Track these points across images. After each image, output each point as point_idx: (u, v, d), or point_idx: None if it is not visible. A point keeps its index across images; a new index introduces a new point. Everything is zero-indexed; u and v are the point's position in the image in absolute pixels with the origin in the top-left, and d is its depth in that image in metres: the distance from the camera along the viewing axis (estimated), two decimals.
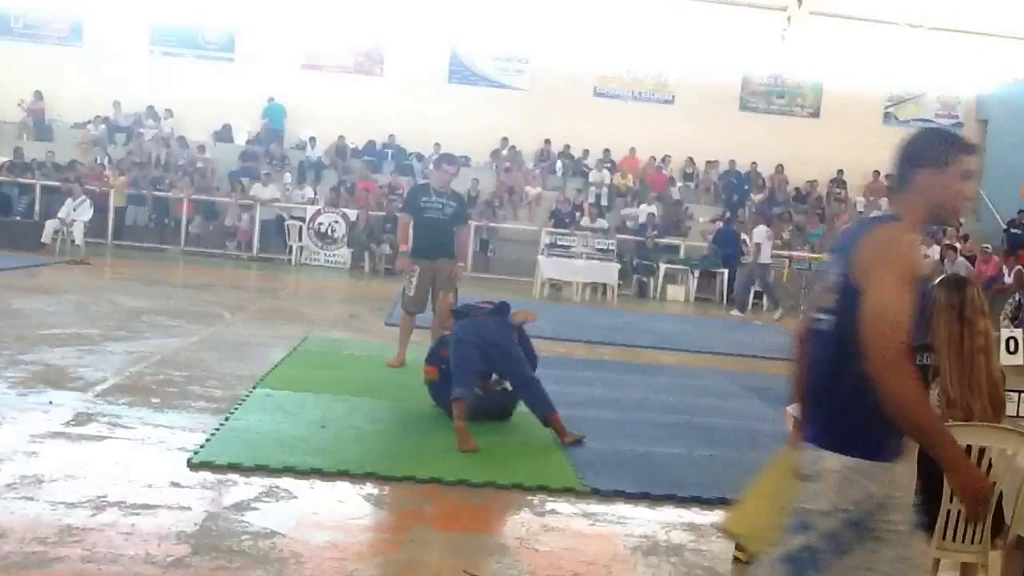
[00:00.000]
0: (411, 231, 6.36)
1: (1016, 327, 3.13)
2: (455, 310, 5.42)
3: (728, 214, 15.49)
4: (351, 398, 5.16)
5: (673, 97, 17.76)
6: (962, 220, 16.34)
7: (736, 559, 3.20)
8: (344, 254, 14.43)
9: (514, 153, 17.25)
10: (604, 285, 13.02)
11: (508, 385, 4.83)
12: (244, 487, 3.54)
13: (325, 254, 14.49)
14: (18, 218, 14.01)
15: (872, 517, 1.74)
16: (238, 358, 6.12)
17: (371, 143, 17.19)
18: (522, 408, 5.14)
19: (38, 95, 16.63)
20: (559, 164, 17.28)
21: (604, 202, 16.22)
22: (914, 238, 1.81)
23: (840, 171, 17.64)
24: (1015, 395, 2.82)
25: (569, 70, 17.29)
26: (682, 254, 14.73)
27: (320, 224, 14.50)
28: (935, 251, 13.93)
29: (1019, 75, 17.32)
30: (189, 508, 3.25)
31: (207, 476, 3.63)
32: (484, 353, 4.57)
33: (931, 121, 18.31)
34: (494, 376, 4.85)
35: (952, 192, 1.84)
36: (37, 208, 14.27)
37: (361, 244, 14.38)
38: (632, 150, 17.45)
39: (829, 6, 16.31)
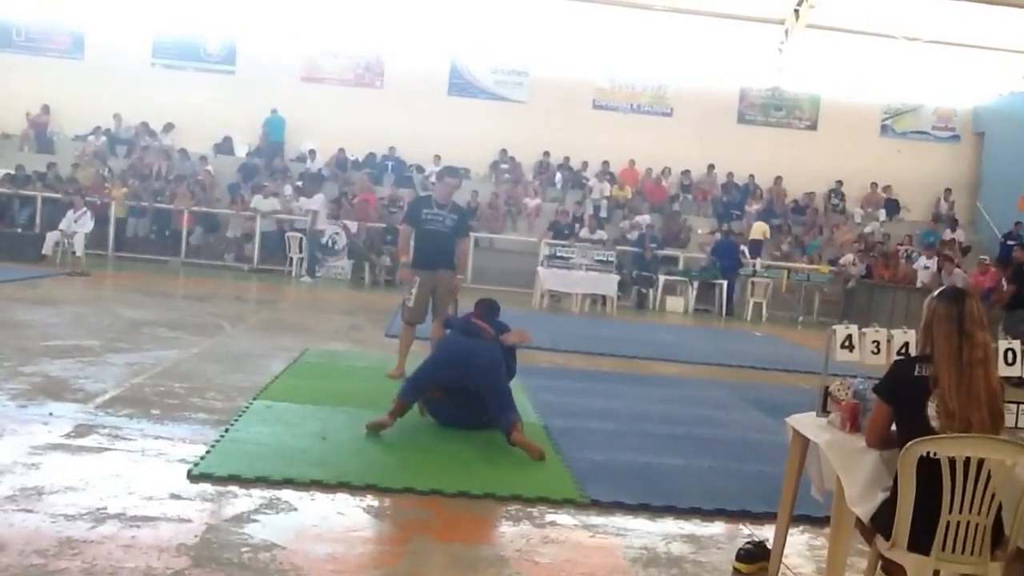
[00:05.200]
0: (412, 242, 6.38)
1: (1013, 338, 3.14)
2: (448, 319, 5.42)
3: (727, 226, 15.55)
4: (351, 410, 5.16)
5: (672, 110, 17.86)
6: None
7: (736, 571, 3.20)
8: (344, 266, 14.45)
9: (514, 165, 17.32)
10: (603, 296, 13.04)
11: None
12: (244, 499, 3.54)
13: (325, 265, 14.52)
14: (19, 230, 14.05)
15: None
16: (238, 370, 6.12)
17: (371, 155, 17.26)
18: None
19: (45, 108, 16.71)
20: (558, 176, 17.35)
21: (603, 214, 16.27)
22: None
23: (838, 182, 17.72)
24: (1014, 407, 2.83)
25: (568, 82, 17.40)
26: (681, 265, 14.77)
27: (321, 236, 14.53)
28: (933, 263, 13.97)
29: (1016, 88, 17.43)
30: (189, 520, 3.25)
31: (207, 488, 3.62)
32: (465, 370, 4.61)
33: (928, 134, 18.43)
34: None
35: None
36: (38, 220, 14.30)
37: (361, 256, 14.41)
38: (632, 162, 17.53)
39: (826, 19, 16.43)
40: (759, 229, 15.73)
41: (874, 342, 3.04)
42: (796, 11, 16.50)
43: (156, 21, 17.01)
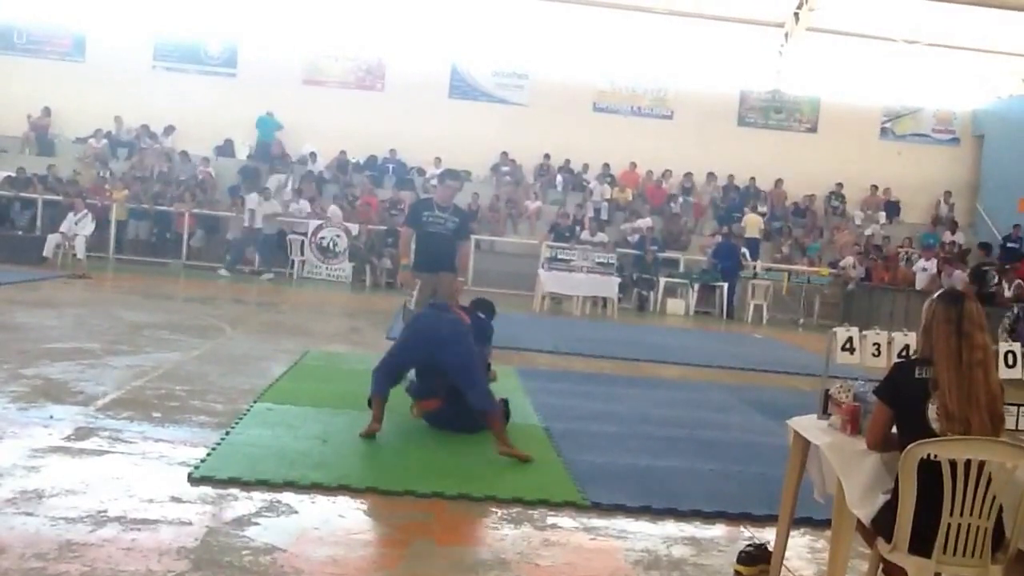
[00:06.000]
0: (413, 245, 6.39)
1: (1014, 340, 3.14)
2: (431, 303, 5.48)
3: (727, 228, 15.56)
4: (352, 412, 5.15)
5: (672, 112, 17.87)
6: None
7: (737, 573, 3.20)
8: (345, 268, 14.46)
9: (514, 167, 17.34)
10: (604, 299, 13.04)
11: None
12: (245, 502, 3.54)
13: (327, 268, 14.52)
14: (20, 232, 14.06)
15: None
16: (239, 372, 6.13)
17: (372, 157, 17.28)
18: (520, 422, 5.15)
19: (46, 111, 16.73)
20: (559, 178, 17.37)
21: (604, 216, 16.28)
22: None
23: (839, 185, 17.73)
24: (1014, 409, 2.83)
25: (569, 85, 17.41)
26: (682, 268, 14.77)
27: (322, 238, 14.55)
28: (932, 265, 13.98)
29: (1015, 91, 17.44)
30: (190, 523, 3.25)
31: (208, 491, 3.62)
32: (431, 349, 4.65)
33: (928, 136, 18.45)
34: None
35: None
36: (39, 222, 14.31)
37: (362, 258, 14.42)
38: (633, 165, 17.54)
39: (826, 22, 16.45)
40: (753, 224, 15.74)
41: (874, 344, 3.04)
42: (796, 14, 16.52)
43: (157, 23, 17.03)
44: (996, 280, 11.64)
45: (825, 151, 17.67)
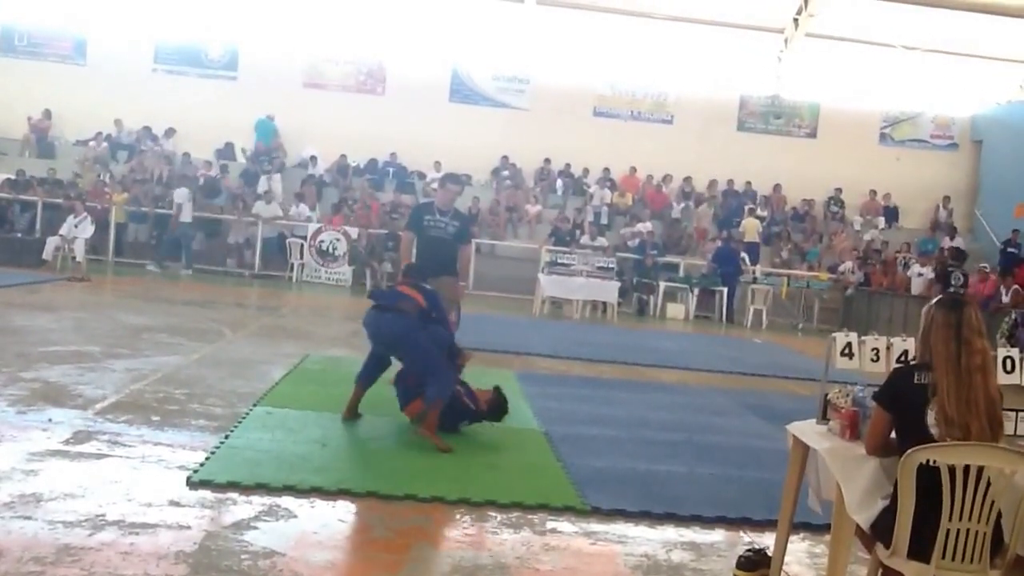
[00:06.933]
0: (414, 249, 6.40)
1: (1012, 346, 3.15)
2: (372, 291, 5.52)
3: (727, 233, 15.58)
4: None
5: (672, 117, 17.91)
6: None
7: None
8: (345, 272, 14.46)
9: (515, 171, 17.36)
10: (604, 303, 13.05)
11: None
12: (244, 506, 3.53)
13: (326, 272, 14.53)
14: (19, 235, 14.06)
15: None
16: (239, 376, 6.13)
17: (373, 161, 17.30)
18: (521, 424, 5.15)
19: (47, 113, 16.74)
20: (559, 183, 17.39)
21: (604, 220, 16.29)
22: None
23: (838, 190, 17.76)
24: (1013, 414, 2.84)
25: (569, 90, 17.45)
26: (682, 272, 14.79)
27: (321, 242, 14.55)
28: (927, 270, 13.99)
29: (1013, 97, 17.49)
30: (188, 527, 3.24)
31: (207, 495, 3.62)
32: (384, 348, 5.00)
33: (926, 142, 18.48)
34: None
35: None
36: (39, 225, 14.32)
37: (363, 262, 14.42)
38: (633, 169, 17.57)
39: (826, 28, 16.49)
40: (751, 228, 15.75)
41: (873, 349, 3.04)
42: (795, 20, 16.57)
43: (158, 26, 17.06)
44: (961, 282, 11.79)
45: (824, 156, 17.71)
